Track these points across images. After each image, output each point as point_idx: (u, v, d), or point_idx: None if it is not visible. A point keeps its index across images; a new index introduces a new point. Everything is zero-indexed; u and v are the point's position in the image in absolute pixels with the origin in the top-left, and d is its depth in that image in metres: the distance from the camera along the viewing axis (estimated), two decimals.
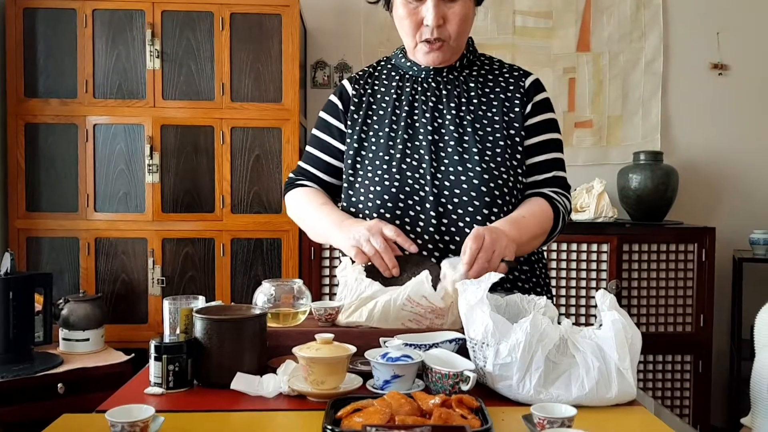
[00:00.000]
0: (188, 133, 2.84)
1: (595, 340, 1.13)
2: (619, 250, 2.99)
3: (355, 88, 1.64)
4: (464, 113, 1.54)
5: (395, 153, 1.53)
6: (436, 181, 1.49)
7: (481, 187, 1.47)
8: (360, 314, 1.33)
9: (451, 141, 1.51)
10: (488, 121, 1.53)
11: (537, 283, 1.59)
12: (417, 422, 0.91)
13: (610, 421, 1.06)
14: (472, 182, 1.47)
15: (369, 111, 1.60)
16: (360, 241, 1.40)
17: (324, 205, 1.57)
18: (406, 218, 1.50)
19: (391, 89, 1.60)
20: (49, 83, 2.82)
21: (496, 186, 1.48)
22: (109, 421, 0.92)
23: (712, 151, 3.52)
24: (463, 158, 1.49)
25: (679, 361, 3.06)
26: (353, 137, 1.59)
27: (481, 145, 1.50)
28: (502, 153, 1.50)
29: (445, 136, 1.52)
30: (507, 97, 1.56)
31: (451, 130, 1.52)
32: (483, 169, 1.48)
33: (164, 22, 2.81)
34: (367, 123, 1.59)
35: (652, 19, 3.49)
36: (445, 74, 1.58)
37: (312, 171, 1.66)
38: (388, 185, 1.51)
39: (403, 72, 1.62)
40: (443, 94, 1.57)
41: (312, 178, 1.66)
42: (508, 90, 1.57)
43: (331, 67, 3.41)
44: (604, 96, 3.49)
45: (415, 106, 1.57)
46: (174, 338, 1.22)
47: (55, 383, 2.24)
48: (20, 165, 2.81)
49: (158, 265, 2.83)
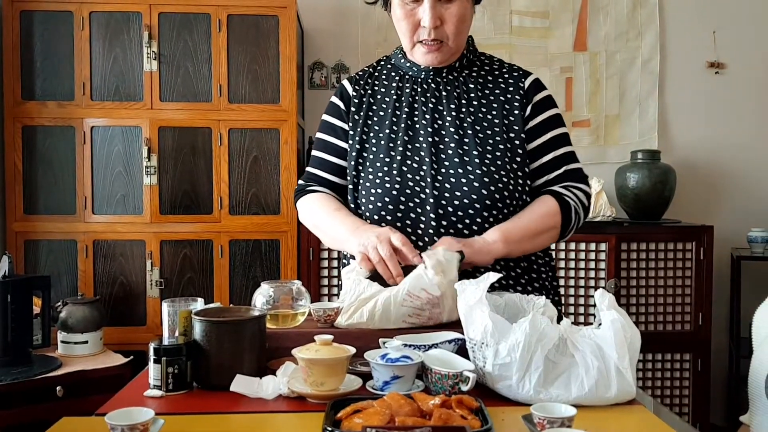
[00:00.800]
0: (186, 135, 2.84)
1: (595, 339, 1.13)
2: (618, 249, 3.00)
3: (355, 88, 1.63)
4: (464, 115, 1.53)
5: (396, 155, 1.53)
6: (436, 183, 1.49)
7: (481, 190, 1.47)
8: (360, 314, 1.33)
9: (452, 143, 1.51)
10: (488, 124, 1.53)
11: (543, 285, 1.58)
12: (417, 423, 0.91)
13: (610, 421, 1.06)
14: (473, 185, 1.47)
15: (369, 112, 1.60)
16: (367, 247, 1.40)
17: (337, 211, 1.55)
18: (407, 220, 1.50)
19: (391, 90, 1.60)
20: (47, 86, 2.82)
21: (496, 189, 1.47)
22: (109, 424, 0.92)
23: (710, 150, 3.52)
24: (463, 161, 1.49)
25: (678, 359, 3.06)
26: (355, 138, 1.58)
27: (482, 147, 1.50)
28: (502, 156, 1.50)
29: (446, 138, 1.52)
30: (507, 99, 1.56)
31: (451, 132, 1.52)
32: (483, 172, 1.47)
33: (161, 24, 2.81)
34: (368, 124, 1.59)
35: (648, 18, 3.49)
36: (445, 74, 1.58)
37: (321, 174, 1.65)
38: (389, 187, 1.51)
39: (403, 72, 1.61)
40: (443, 95, 1.56)
41: (322, 182, 1.65)
42: (508, 92, 1.57)
43: (328, 68, 3.41)
44: (602, 95, 3.49)
45: (415, 107, 1.56)
46: (173, 340, 1.22)
47: (54, 386, 2.23)
48: (18, 168, 2.81)
49: (156, 267, 2.83)
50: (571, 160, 1.58)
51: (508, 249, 1.44)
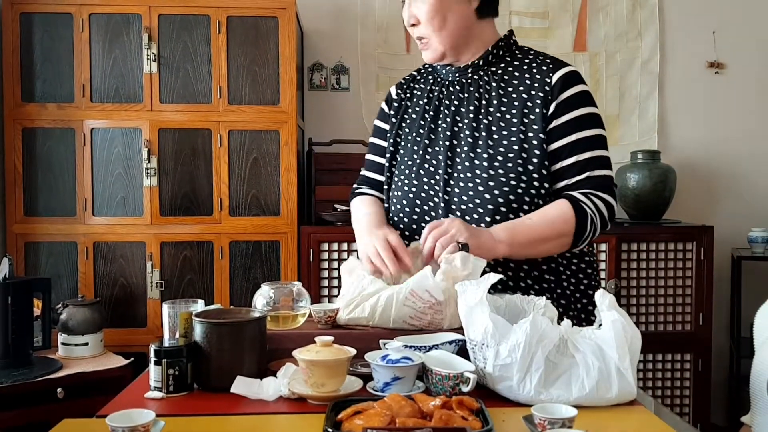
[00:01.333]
0: (186, 137, 2.84)
1: (595, 340, 1.13)
2: (618, 249, 2.99)
3: (398, 92, 1.67)
4: (483, 116, 1.49)
5: (417, 158, 1.54)
6: (447, 187, 1.48)
7: (485, 195, 1.45)
8: (362, 309, 1.33)
9: (465, 146, 1.48)
10: (505, 124, 1.47)
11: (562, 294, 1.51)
12: (417, 424, 0.91)
13: (611, 421, 1.06)
14: (478, 189, 1.45)
15: (404, 115, 1.62)
16: (368, 247, 1.43)
17: (366, 215, 1.58)
18: (422, 223, 1.50)
19: (425, 92, 1.61)
20: (46, 87, 2.82)
21: (501, 193, 1.44)
22: (110, 426, 0.92)
23: (710, 150, 3.52)
24: (473, 164, 1.46)
25: (679, 360, 3.06)
26: (390, 140, 1.62)
27: (493, 150, 1.45)
28: (514, 158, 1.44)
29: (462, 141, 1.50)
30: (530, 96, 1.47)
31: (466, 135, 1.49)
32: (489, 176, 1.44)
33: (161, 26, 2.81)
34: (401, 126, 1.61)
35: (648, 19, 3.49)
36: (471, 74, 1.54)
37: (372, 176, 1.70)
38: (407, 191, 1.54)
39: (437, 75, 1.62)
40: (465, 96, 1.53)
41: (371, 183, 1.70)
42: (533, 87, 1.48)
43: (328, 69, 3.41)
44: (601, 96, 3.49)
45: (440, 110, 1.56)
46: (173, 342, 1.22)
47: (55, 388, 2.23)
48: (18, 170, 2.80)
49: (157, 268, 2.83)
50: (597, 166, 1.46)
51: (511, 251, 1.39)
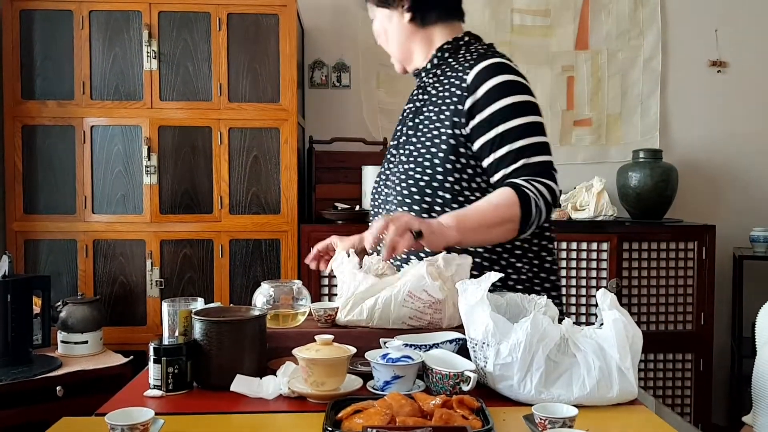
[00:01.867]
0: (186, 134, 2.84)
1: (596, 339, 1.13)
2: (619, 248, 2.99)
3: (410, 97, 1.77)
4: (417, 117, 1.60)
5: (384, 162, 1.68)
6: (387, 189, 1.61)
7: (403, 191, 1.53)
8: (360, 311, 1.32)
9: (402, 150, 1.60)
10: (428, 122, 1.56)
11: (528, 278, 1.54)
12: (418, 423, 0.90)
13: (612, 421, 1.06)
14: (397, 188, 1.55)
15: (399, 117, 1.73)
16: None
17: None
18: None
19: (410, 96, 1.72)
20: (46, 85, 2.81)
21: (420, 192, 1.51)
22: (109, 424, 0.91)
23: (712, 149, 3.52)
24: (403, 167, 1.56)
25: (680, 359, 3.06)
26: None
27: (417, 152, 1.54)
28: (424, 153, 1.53)
29: (404, 145, 1.60)
30: (449, 94, 1.52)
31: (406, 139, 1.60)
32: (404, 170, 1.55)
33: (161, 23, 2.81)
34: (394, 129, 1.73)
35: (650, 17, 3.48)
36: (423, 78, 1.65)
37: None
38: (374, 192, 1.68)
39: None
40: (417, 100, 1.65)
41: None
42: (452, 86, 1.53)
43: (328, 67, 3.40)
44: (603, 94, 3.48)
45: (404, 115, 1.68)
46: (173, 340, 1.21)
47: (54, 386, 2.23)
48: (17, 167, 2.80)
49: (156, 266, 2.82)
50: (532, 153, 1.45)
51: (461, 236, 1.37)
